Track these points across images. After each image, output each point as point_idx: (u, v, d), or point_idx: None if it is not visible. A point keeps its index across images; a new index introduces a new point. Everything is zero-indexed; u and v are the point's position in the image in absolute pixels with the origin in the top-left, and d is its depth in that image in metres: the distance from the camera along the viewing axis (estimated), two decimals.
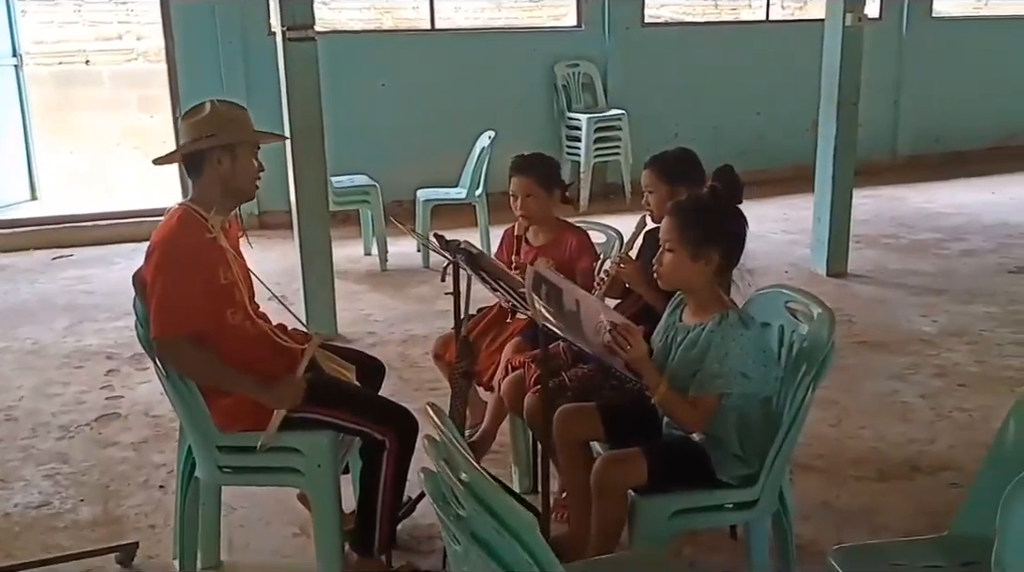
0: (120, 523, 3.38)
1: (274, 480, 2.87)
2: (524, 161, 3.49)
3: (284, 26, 4.82)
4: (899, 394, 4.40)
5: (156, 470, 3.76)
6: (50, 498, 3.55)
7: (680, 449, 2.49)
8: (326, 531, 2.72)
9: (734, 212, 2.53)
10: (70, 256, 7.15)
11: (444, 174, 7.24)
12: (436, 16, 8.35)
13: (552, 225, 3.49)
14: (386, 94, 8.05)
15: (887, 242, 7.20)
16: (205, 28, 7.62)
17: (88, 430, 4.14)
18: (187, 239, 2.64)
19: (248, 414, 2.66)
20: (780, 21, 9.58)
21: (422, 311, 5.79)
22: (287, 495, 3.36)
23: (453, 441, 1.63)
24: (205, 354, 2.62)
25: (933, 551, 2.19)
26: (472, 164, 6.92)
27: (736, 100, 9.07)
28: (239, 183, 2.75)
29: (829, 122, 6.10)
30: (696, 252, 2.42)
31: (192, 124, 2.71)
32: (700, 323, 2.46)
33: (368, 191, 6.75)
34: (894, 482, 3.61)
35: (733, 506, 2.49)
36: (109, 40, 8.66)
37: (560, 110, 8.52)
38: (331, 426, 2.71)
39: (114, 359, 4.98)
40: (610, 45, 8.70)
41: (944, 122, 9.90)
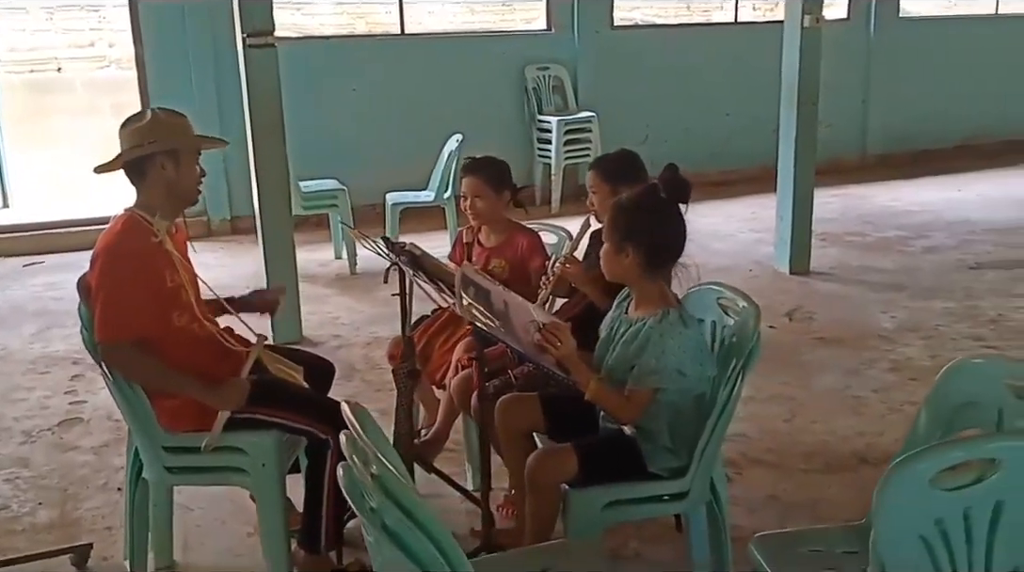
0: (77, 525, 3.43)
1: (220, 479, 2.92)
2: (474, 163, 3.56)
3: (244, 33, 4.87)
4: (852, 389, 4.47)
5: (115, 473, 3.79)
6: (8, 502, 3.59)
7: (612, 443, 2.56)
8: (271, 528, 2.77)
9: (664, 211, 2.57)
10: (41, 263, 7.17)
11: (414, 178, 7.30)
12: (407, 21, 8.41)
13: (503, 226, 3.56)
14: (356, 99, 8.11)
15: (851, 240, 7.29)
16: (175, 34, 7.66)
17: (50, 435, 4.18)
18: (131, 244, 2.69)
19: (193, 415, 2.71)
20: (748, 23, 9.66)
21: (388, 314, 5.78)
22: (242, 495, 3.39)
23: (362, 437, 1.69)
24: (149, 358, 2.66)
25: (850, 538, 2.26)
26: (441, 167, 6.99)
27: (706, 101, 9.16)
28: (183, 188, 2.80)
29: (789, 122, 6.19)
30: (618, 245, 2.50)
31: (134, 131, 2.76)
32: (642, 318, 2.53)
33: (336, 195, 6.80)
34: (841, 474, 3.69)
35: (665, 497, 2.55)
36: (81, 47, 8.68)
37: (531, 113, 8.59)
38: (275, 426, 2.76)
39: (79, 365, 5.00)
40: (580, 48, 8.77)
41: (912, 121, 10.01)
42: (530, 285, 3.32)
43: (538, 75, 8.64)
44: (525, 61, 8.60)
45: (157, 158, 2.73)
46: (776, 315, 5.45)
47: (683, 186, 2.65)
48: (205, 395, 2.69)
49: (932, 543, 1.54)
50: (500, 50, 8.59)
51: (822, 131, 6.47)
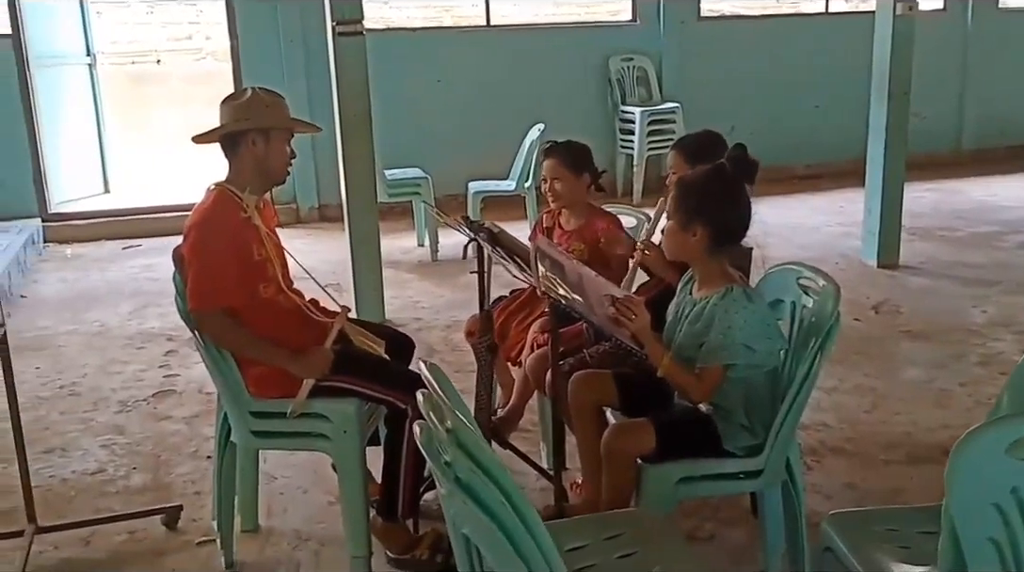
0: (168, 489, 3.58)
1: (302, 445, 3.01)
2: (554, 146, 3.60)
3: (334, 21, 5.00)
4: (938, 382, 4.37)
5: (205, 442, 3.95)
6: (105, 466, 3.77)
7: (689, 419, 2.56)
8: (351, 493, 2.85)
9: (730, 189, 2.57)
10: (139, 246, 7.45)
11: (496, 168, 7.37)
12: (492, 13, 8.48)
13: (582, 210, 3.57)
14: (441, 90, 8.21)
15: (943, 235, 7.10)
16: (267, 27, 7.89)
17: (145, 405, 4.36)
18: (222, 217, 2.81)
19: (279, 382, 2.81)
20: (839, 13, 9.46)
21: (468, 299, 5.86)
22: (324, 466, 3.52)
23: (438, 393, 1.74)
24: (238, 326, 2.78)
25: (928, 518, 2.21)
26: (522, 157, 7.04)
27: (794, 94, 9.02)
28: (271, 166, 2.90)
29: (880, 112, 6.06)
30: (685, 223, 2.49)
31: (232, 107, 2.88)
32: (706, 297, 2.53)
33: (420, 183, 6.91)
34: (923, 466, 3.61)
35: (739, 475, 2.55)
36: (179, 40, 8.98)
37: (614, 104, 8.58)
38: (356, 394, 2.84)
39: (173, 341, 5.20)
40: (665, 39, 8.73)
41: (1010, 115, 9.68)
42: (610, 269, 3.32)
43: (622, 66, 8.63)
44: (610, 52, 8.60)
45: (249, 135, 2.84)
46: (862, 308, 5.35)
47: (750, 165, 2.65)
48: (291, 363, 2.79)
49: (1007, 512, 1.52)
50: (585, 41, 8.61)
51: (915, 123, 6.32)
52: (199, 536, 3.23)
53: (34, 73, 7.69)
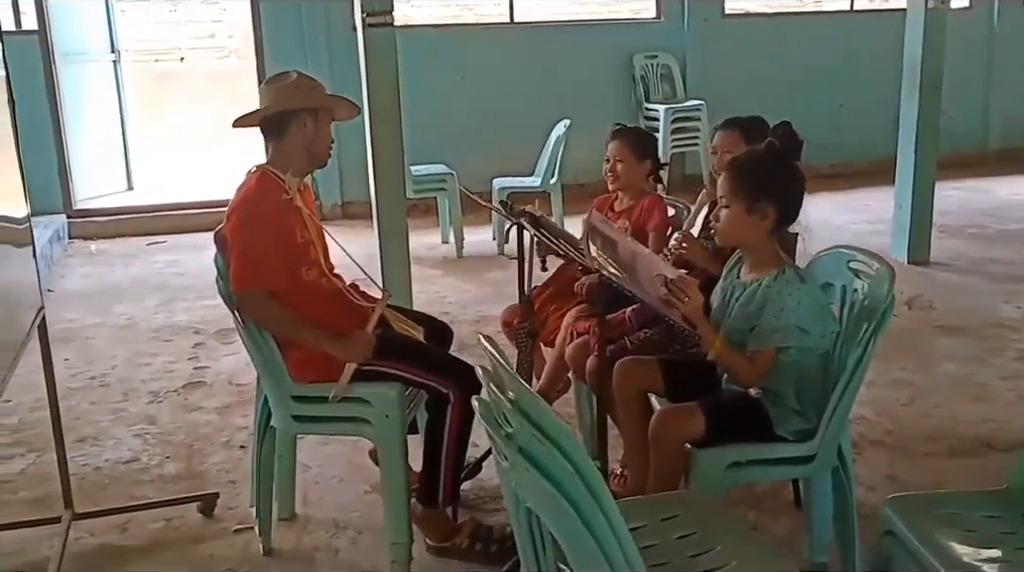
0: (202, 478, 3.55)
1: (344, 429, 2.99)
2: (623, 128, 3.64)
3: (364, 13, 4.97)
4: (977, 376, 4.31)
5: (237, 432, 3.93)
6: (138, 454, 3.75)
7: (738, 404, 2.52)
8: (393, 478, 2.81)
9: (790, 166, 2.54)
10: (163, 242, 7.45)
11: (520, 164, 7.34)
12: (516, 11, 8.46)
13: (635, 193, 3.56)
14: (465, 87, 8.19)
15: (972, 232, 7.03)
16: (292, 25, 7.89)
17: (175, 396, 4.34)
18: (266, 199, 2.78)
19: (320, 366, 2.78)
20: (865, 11, 9.40)
21: (495, 294, 5.88)
22: (359, 455, 3.50)
23: (501, 364, 1.70)
24: (281, 308, 2.75)
25: (992, 502, 2.18)
26: (548, 153, 7.01)
27: (818, 92, 8.94)
28: (319, 148, 2.90)
29: (911, 106, 6.00)
30: (751, 205, 2.44)
31: (279, 88, 2.86)
32: (757, 279, 2.49)
33: (445, 179, 6.88)
34: (964, 458, 3.56)
35: (791, 460, 2.50)
36: (202, 38, 9.00)
37: (638, 101, 8.54)
38: (398, 379, 2.81)
39: (201, 334, 5.19)
40: (689, 36, 8.68)
41: None
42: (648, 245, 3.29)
43: (646, 63, 8.59)
44: (633, 49, 8.56)
45: (301, 115, 2.83)
46: (896, 303, 5.27)
47: (798, 142, 2.62)
48: (333, 347, 2.76)
49: None
50: (609, 38, 8.57)
51: (942, 122, 6.24)
52: (235, 524, 3.20)
53: (60, 69, 7.71)
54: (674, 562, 1.93)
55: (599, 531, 1.58)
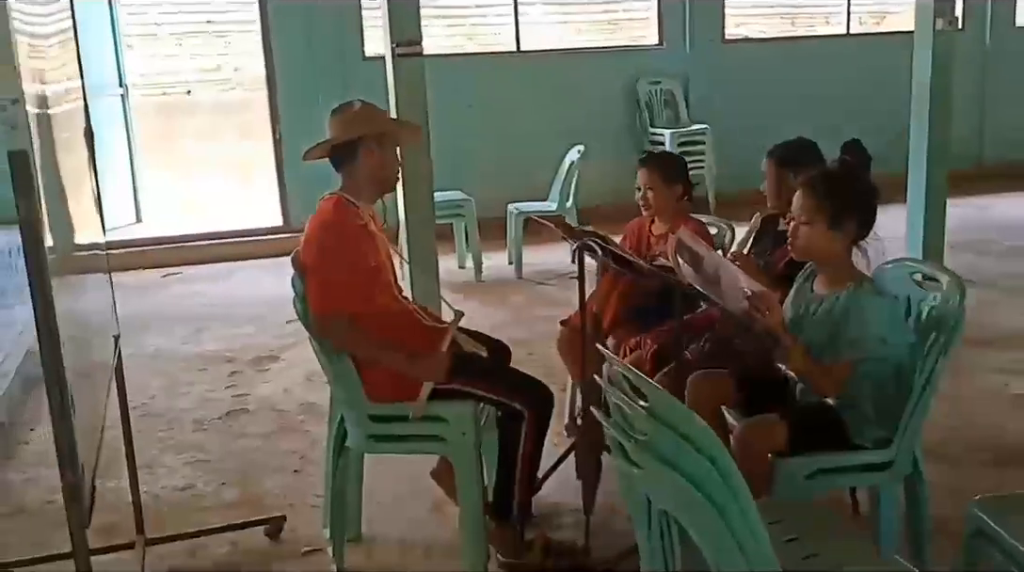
0: (260, 503, 3.58)
1: (419, 448, 3.02)
2: (649, 155, 3.71)
3: (394, 43, 5.07)
4: (1011, 387, 4.41)
5: (287, 457, 3.96)
6: (193, 481, 3.77)
7: (816, 413, 2.59)
8: (469, 495, 2.86)
9: (865, 181, 2.63)
10: (179, 274, 7.47)
11: (533, 190, 7.44)
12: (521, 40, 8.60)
13: (671, 217, 3.63)
14: (475, 115, 8.29)
15: (981, 248, 7.15)
16: (303, 57, 7.97)
17: (220, 423, 4.37)
18: (343, 225, 2.85)
19: (396, 385, 2.83)
20: (861, 35, 9.60)
21: (518, 317, 5.96)
22: (420, 475, 3.52)
23: (631, 371, 1.76)
24: (361, 330, 2.80)
25: None
26: (562, 178, 7.10)
27: (819, 114, 9.06)
28: (387, 172, 2.97)
29: (921, 126, 6.13)
30: (834, 222, 2.53)
31: (344, 118, 2.94)
32: (835, 292, 2.56)
33: (462, 205, 6.96)
34: (1014, 467, 3.63)
35: (869, 467, 2.57)
36: (208, 71, 9.08)
37: (643, 126, 8.67)
38: (472, 397, 2.86)
39: (234, 362, 5.22)
40: (691, 62, 8.84)
41: None
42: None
43: (650, 89, 8.73)
44: (638, 75, 8.71)
45: (368, 142, 2.90)
46: None
47: (867, 158, 2.71)
48: (410, 367, 2.81)
49: None
50: (613, 65, 8.72)
51: None
52: (303, 546, 3.24)
53: None
54: (786, 564, 1.97)
55: (737, 526, 1.64)
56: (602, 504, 3.26)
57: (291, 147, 8.19)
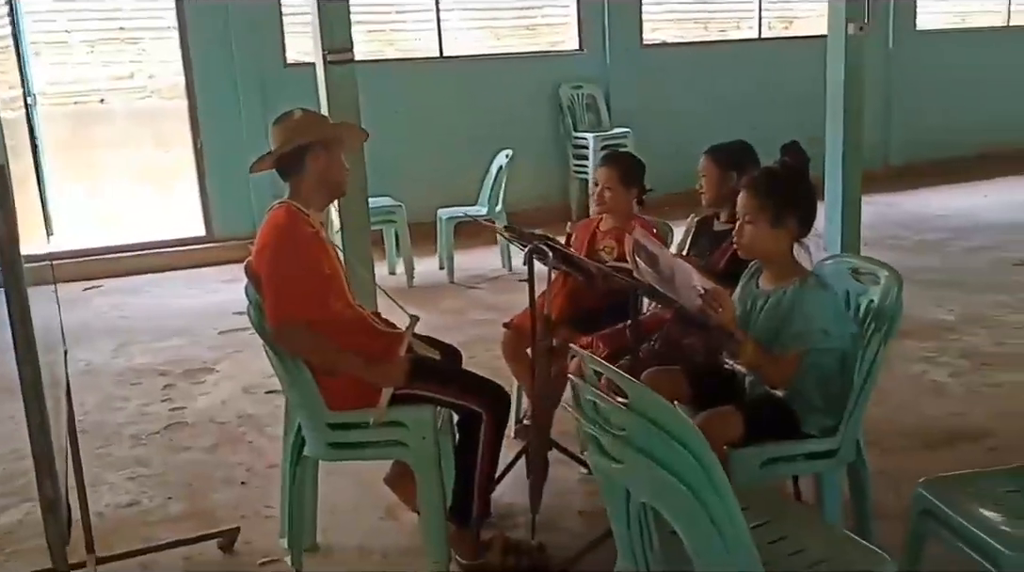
0: (210, 516, 3.53)
1: (379, 454, 3.03)
2: (612, 155, 3.83)
3: (325, 50, 5.06)
4: (930, 374, 4.63)
5: (233, 468, 3.92)
6: (138, 497, 3.71)
7: (768, 405, 2.69)
8: (430, 500, 2.88)
9: (805, 181, 2.75)
10: (100, 287, 7.29)
11: (460, 195, 7.48)
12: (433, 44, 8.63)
13: (622, 217, 3.71)
14: (400, 121, 8.28)
15: (892, 243, 7.46)
16: (223, 64, 7.86)
17: (159, 437, 4.29)
18: (296, 232, 2.85)
19: (355, 393, 2.84)
20: (773, 39, 9.91)
21: (453, 322, 5.97)
22: (373, 481, 3.53)
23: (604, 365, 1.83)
24: (318, 338, 2.80)
25: (1013, 479, 2.40)
26: (490, 182, 7.15)
27: (735, 116, 9.32)
28: (335, 177, 2.98)
29: (836, 127, 6.36)
30: (776, 220, 2.64)
31: (290, 127, 2.94)
32: (781, 287, 2.67)
33: (394, 211, 6.96)
34: (940, 450, 3.83)
35: (817, 454, 2.68)
36: (122, 79, 8.84)
37: (567, 130, 8.79)
38: (431, 401, 2.89)
39: (168, 376, 5.13)
40: (611, 66, 9.00)
41: (933, 131, 10.24)
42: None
43: (572, 94, 8.86)
44: (560, 80, 8.84)
45: (314, 148, 2.90)
46: None
47: (806, 159, 2.83)
48: (369, 373, 2.83)
49: None
50: (535, 70, 8.84)
51: None
52: (259, 558, 3.21)
53: None
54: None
55: (716, 513, 1.71)
56: (553, 503, 3.33)
57: (212, 156, 8.07)
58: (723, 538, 1.72)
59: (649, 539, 1.87)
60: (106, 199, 9.08)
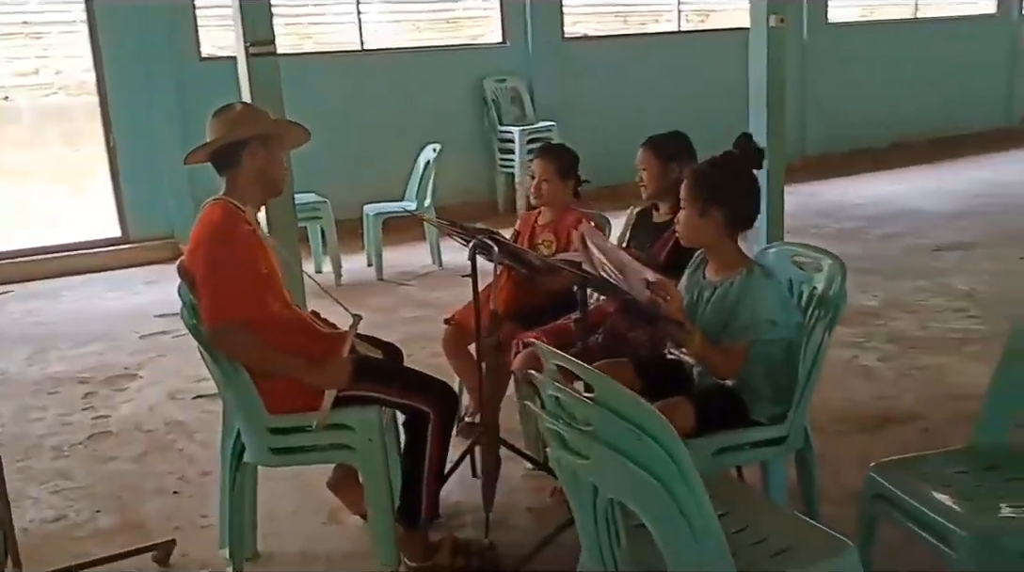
0: (143, 528, 3.39)
1: (325, 458, 2.95)
2: (548, 147, 3.78)
3: (247, 42, 4.90)
4: (859, 359, 4.72)
5: (164, 478, 3.78)
6: (64, 512, 3.54)
7: (717, 395, 2.69)
8: (379, 502, 2.81)
9: (741, 174, 2.74)
10: (11, 291, 6.98)
11: (389, 189, 7.38)
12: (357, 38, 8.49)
13: (559, 209, 3.69)
14: (323, 116, 8.09)
15: (813, 232, 7.60)
16: (134, 58, 7.60)
17: (82, 448, 4.11)
18: (232, 230, 2.74)
19: (296, 395, 2.75)
20: (692, 31, 10.02)
21: (384, 320, 5.88)
22: (312, 485, 3.44)
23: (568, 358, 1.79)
24: (257, 339, 2.70)
25: (959, 460, 2.44)
26: (418, 177, 7.07)
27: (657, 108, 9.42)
28: (274, 174, 2.87)
29: (759, 118, 6.45)
30: (703, 211, 2.64)
31: (229, 120, 2.82)
32: (727, 278, 2.67)
33: (319, 207, 6.82)
34: (873, 433, 3.90)
35: (767, 442, 2.69)
36: (26, 75, 8.49)
37: (492, 124, 8.74)
38: (377, 402, 2.81)
39: (88, 383, 4.93)
40: (534, 60, 8.99)
41: (846, 122, 10.51)
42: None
43: (496, 87, 8.82)
44: (483, 74, 8.79)
45: (253, 143, 2.79)
46: None
47: (757, 153, 2.83)
48: (311, 374, 2.74)
49: None
50: (459, 64, 8.78)
51: None
52: (197, 569, 3.09)
53: None
54: None
55: (685, 505, 1.69)
56: (500, 500, 3.28)
57: (126, 154, 7.80)
58: (693, 529, 1.70)
59: (616, 537, 1.84)
60: (15, 200, 8.71)
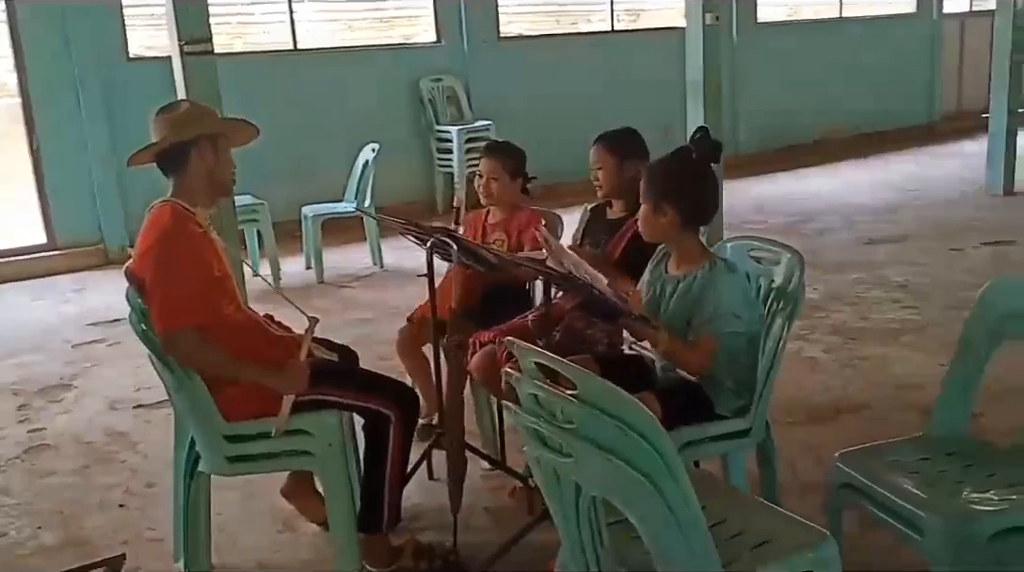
0: (88, 543, 3.27)
1: (283, 465, 2.88)
2: (495, 145, 3.73)
3: (182, 41, 4.78)
4: (805, 351, 4.78)
5: (108, 491, 3.65)
6: (4, 529, 3.39)
7: (682, 389, 2.69)
8: (340, 508, 2.75)
9: (695, 171, 2.75)
10: None
11: (327, 190, 7.27)
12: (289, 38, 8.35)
13: (509, 208, 3.66)
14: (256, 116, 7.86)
15: (749, 228, 7.71)
16: (59, 59, 7.34)
17: (19, 463, 3.95)
18: (182, 232, 2.65)
19: (253, 402, 2.67)
20: (625, 31, 10.08)
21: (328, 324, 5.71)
22: (265, 493, 3.36)
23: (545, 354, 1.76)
24: (211, 345, 2.61)
25: (919, 448, 2.48)
26: (357, 177, 6.97)
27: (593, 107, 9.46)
28: (222, 174, 2.79)
29: (697, 114, 6.54)
30: (657, 205, 2.65)
31: (175, 119, 2.73)
32: (689, 273, 2.68)
33: (256, 210, 6.67)
34: (824, 424, 3.95)
35: (731, 435, 2.71)
36: None
37: (429, 123, 8.68)
38: (336, 406, 2.75)
39: (21, 395, 4.74)
40: (470, 59, 8.94)
41: (776, 119, 10.69)
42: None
43: (433, 86, 8.75)
44: (419, 73, 8.71)
45: (201, 143, 2.71)
46: None
47: (714, 147, 2.84)
48: (268, 379, 2.66)
49: None
50: (394, 63, 8.68)
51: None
52: None
53: None
54: None
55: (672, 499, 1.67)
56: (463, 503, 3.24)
57: (51, 158, 7.54)
58: (679, 524, 1.68)
59: (600, 536, 1.82)
60: None
